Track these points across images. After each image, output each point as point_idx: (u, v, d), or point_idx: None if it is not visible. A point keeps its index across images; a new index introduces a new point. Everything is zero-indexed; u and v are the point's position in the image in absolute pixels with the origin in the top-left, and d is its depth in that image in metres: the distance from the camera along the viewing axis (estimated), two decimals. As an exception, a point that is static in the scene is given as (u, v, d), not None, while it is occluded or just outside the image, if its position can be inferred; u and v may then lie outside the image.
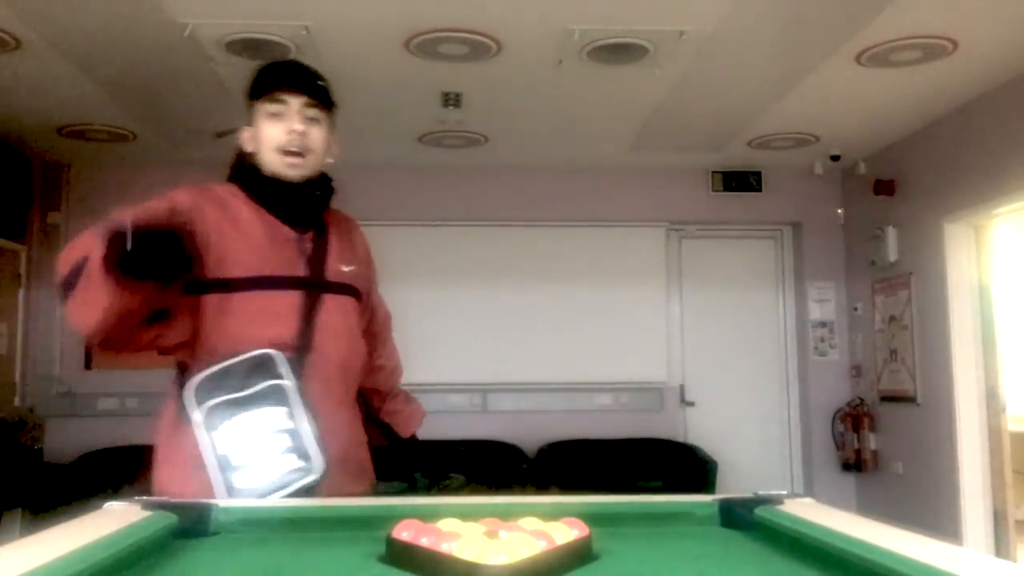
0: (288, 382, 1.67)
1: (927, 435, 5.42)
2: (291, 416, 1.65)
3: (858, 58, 4.29)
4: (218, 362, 1.69)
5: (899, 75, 4.53)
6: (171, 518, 1.34)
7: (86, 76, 4.47)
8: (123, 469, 5.60)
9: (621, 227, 6.36)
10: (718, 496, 1.54)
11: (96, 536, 1.13)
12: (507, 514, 1.28)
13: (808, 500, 1.49)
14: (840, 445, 6.22)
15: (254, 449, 1.62)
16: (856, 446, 6.06)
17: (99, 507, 1.40)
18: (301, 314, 1.76)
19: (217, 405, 1.64)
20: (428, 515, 1.25)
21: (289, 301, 1.76)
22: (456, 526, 1.19)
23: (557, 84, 4.64)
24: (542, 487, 4.83)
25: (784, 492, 1.51)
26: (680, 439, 6.28)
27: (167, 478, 1.74)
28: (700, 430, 6.34)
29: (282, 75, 1.85)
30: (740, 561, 1.23)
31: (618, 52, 4.20)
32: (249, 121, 1.86)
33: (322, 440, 1.67)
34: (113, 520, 1.27)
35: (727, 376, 6.50)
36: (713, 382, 6.48)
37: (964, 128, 5.05)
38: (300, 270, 1.80)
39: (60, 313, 5.94)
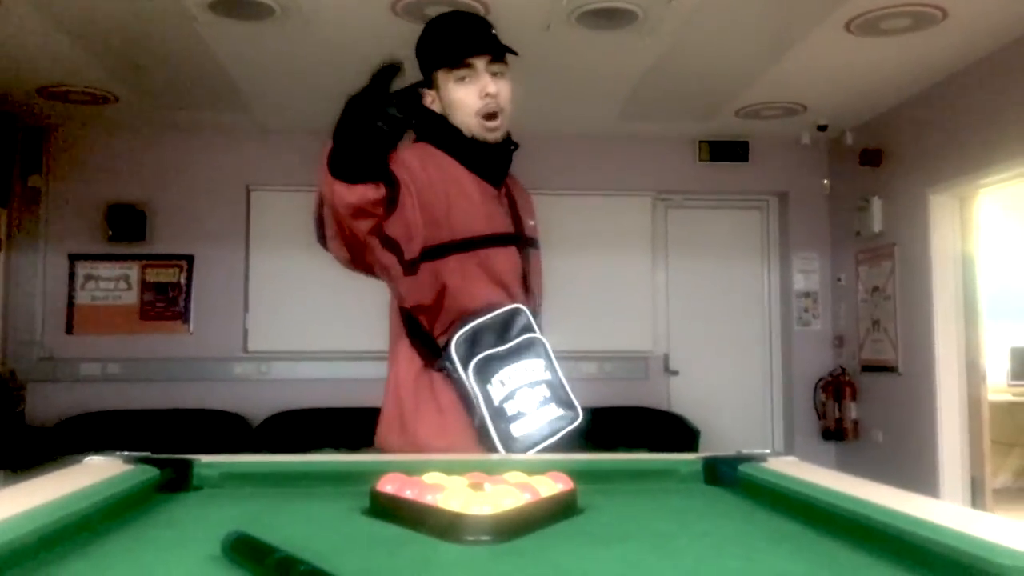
0: (539, 334, 1.74)
1: (908, 404, 5.47)
2: (549, 367, 1.72)
3: (848, 26, 4.27)
4: (471, 319, 1.72)
5: (888, 44, 4.51)
6: (152, 472, 1.33)
7: (66, 35, 4.39)
8: (105, 433, 5.60)
9: (608, 196, 6.35)
10: (702, 454, 1.54)
11: (76, 487, 1.12)
12: (492, 469, 1.28)
13: (791, 458, 1.49)
14: (822, 414, 6.28)
15: (523, 399, 1.67)
16: (837, 415, 6.12)
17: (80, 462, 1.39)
18: (523, 269, 1.81)
19: (484, 359, 1.68)
20: (413, 470, 1.25)
21: (512, 256, 1.81)
22: (440, 479, 1.19)
23: (546, 49, 4.60)
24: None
25: (767, 451, 1.52)
26: (664, 408, 6.32)
27: (428, 428, 1.75)
28: (684, 399, 6.38)
29: (464, 37, 1.81)
30: (723, 515, 1.24)
31: (607, 17, 4.16)
32: (429, 84, 1.84)
33: None
34: (94, 473, 1.26)
35: (711, 345, 6.53)
36: (697, 351, 6.51)
37: (951, 99, 5.05)
38: (511, 226, 1.83)
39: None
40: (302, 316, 6.02)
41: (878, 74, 5.03)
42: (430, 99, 1.84)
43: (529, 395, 1.68)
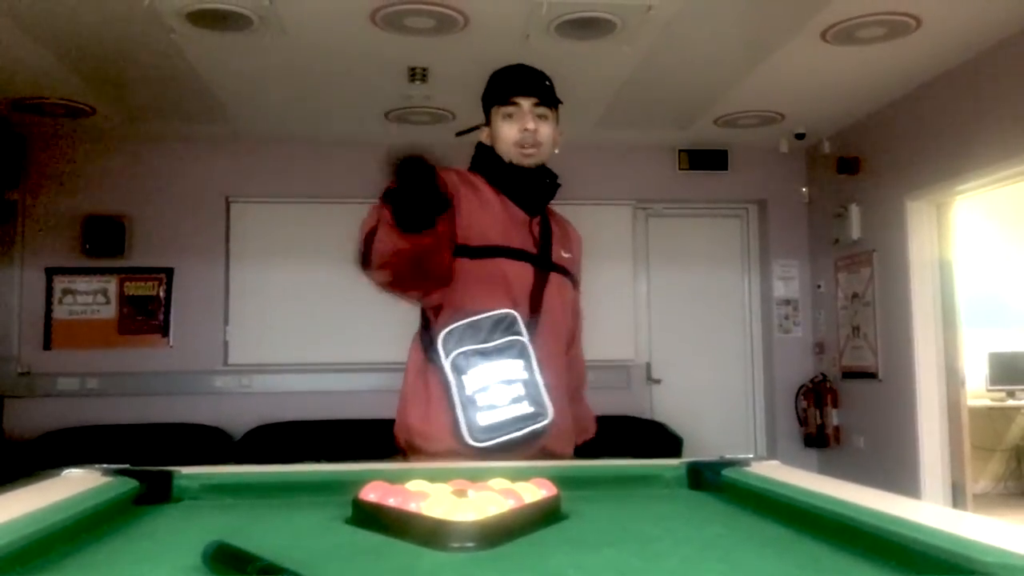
0: (525, 339, 1.88)
1: (888, 410, 5.50)
2: (527, 368, 1.85)
3: (823, 35, 4.31)
4: (465, 317, 1.88)
5: (863, 52, 4.56)
6: (132, 484, 1.32)
7: (43, 47, 4.36)
8: (85, 448, 5.54)
9: (588, 205, 6.33)
10: (685, 459, 1.54)
11: (54, 500, 1.11)
12: (476, 476, 1.28)
13: (774, 462, 1.50)
14: (803, 421, 6.30)
15: (495, 393, 1.82)
16: (819, 421, 6.15)
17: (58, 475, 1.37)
18: (533, 284, 1.99)
19: (465, 352, 1.84)
20: (396, 478, 1.24)
21: (525, 271, 1.99)
22: (424, 487, 1.18)
23: (524, 59, 4.55)
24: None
25: (751, 455, 1.52)
26: (647, 416, 6.33)
27: (415, 412, 1.94)
28: (666, 407, 6.39)
29: (514, 82, 2.07)
30: (707, 519, 1.23)
31: (586, 27, 4.18)
32: (486, 120, 2.12)
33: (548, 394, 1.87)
34: (72, 485, 1.25)
35: (693, 353, 6.54)
36: (679, 359, 6.52)
37: (927, 106, 5.11)
38: (531, 247, 2.02)
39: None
40: (283, 328, 5.99)
41: (854, 83, 5.08)
42: (485, 134, 2.11)
43: (503, 391, 1.83)
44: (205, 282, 6.04)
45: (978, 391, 6.61)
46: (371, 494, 1.17)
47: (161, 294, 6.04)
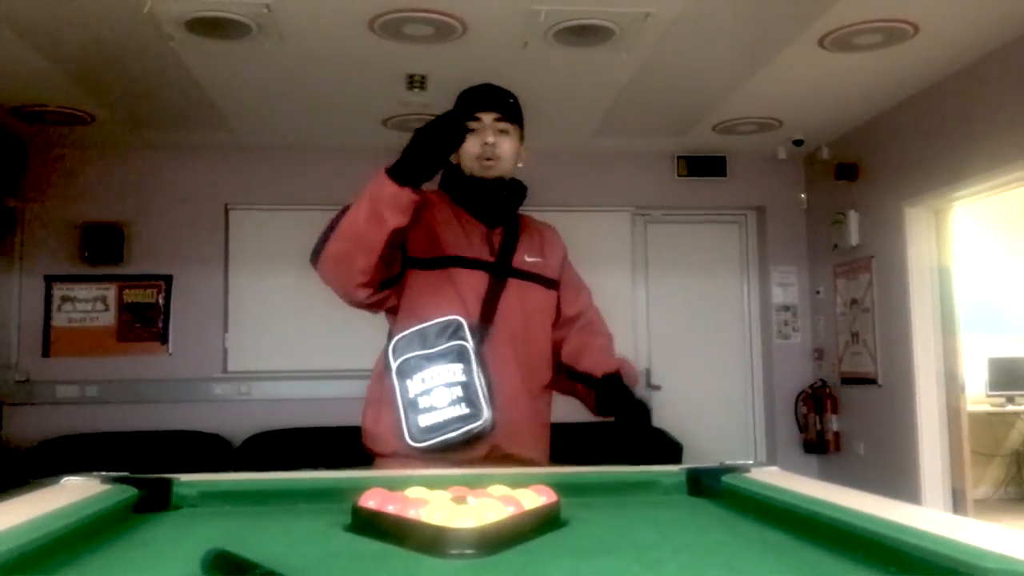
0: (469, 344, 1.94)
1: (888, 416, 5.50)
2: (466, 372, 1.92)
3: (821, 42, 4.31)
4: (416, 325, 1.99)
5: (861, 59, 4.57)
6: (130, 492, 1.32)
7: (42, 55, 4.36)
8: (84, 456, 5.53)
9: (586, 212, 6.36)
10: (685, 466, 1.54)
11: (53, 507, 1.10)
12: (475, 483, 1.28)
13: (774, 468, 1.50)
14: (803, 427, 6.30)
15: (436, 395, 1.92)
16: (819, 427, 6.14)
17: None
18: (487, 291, 2.06)
19: (410, 358, 1.96)
20: (395, 485, 1.24)
21: (478, 279, 2.07)
22: (423, 493, 1.18)
23: (523, 66, 4.62)
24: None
25: (750, 461, 1.52)
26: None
27: (369, 414, 2.07)
28: (666, 413, 6.37)
29: (478, 98, 2.15)
30: (707, 526, 1.23)
31: (584, 34, 4.19)
32: None
33: (492, 398, 1.93)
34: (71, 493, 1.24)
35: (692, 360, 6.54)
36: (678, 366, 6.51)
37: (925, 112, 5.11)
38: (487, 257, 2.11)
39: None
40: (282, 335, 5.98)
41: (852, 89, 5.09)
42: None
43: (444, 394, 1.92)
44: (204, 289, 6.04)
45: (978, 397, 6.61)
46: (370, 501, 1.17)
47: (160, 302, 6.04)
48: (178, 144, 5.99)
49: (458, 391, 1.91)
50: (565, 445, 6.39)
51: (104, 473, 1.39)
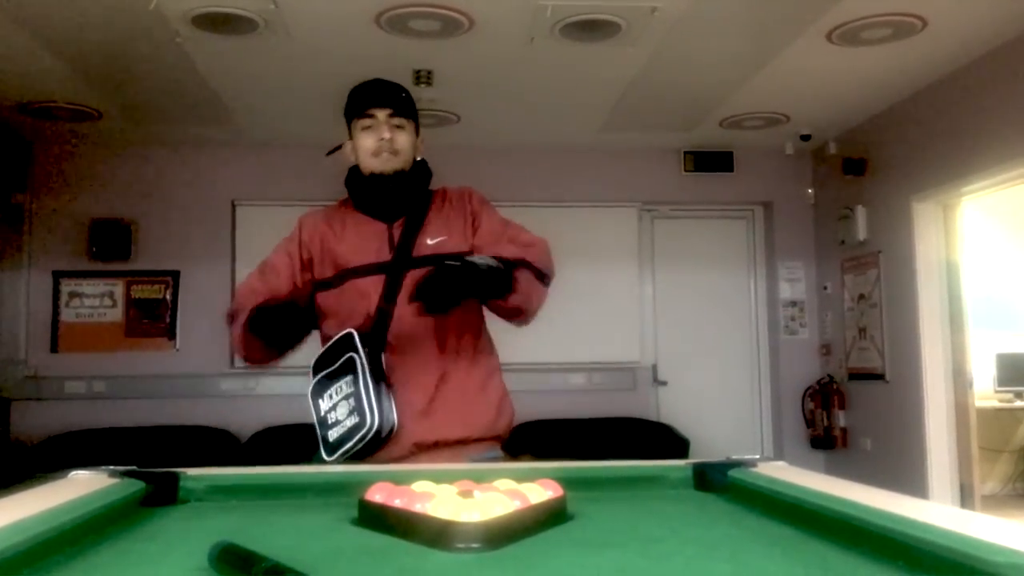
0: (358, 354, 1.96)
1: (895, 412, 5.49)
2: (354, 382, 1.95)
3: (829, 36, 4.30)
4: (324, 346, 2.08)
5: (869, 53, 4.55)
6: (138, 485, 1.32)
7: (49, 52, 4.37)
8: (91, 451, 5.55)
9: (594, 208, 6.36)
10: (691, 460, 1.54)
11: (61, 501, 1.11)
12: (482, 477, 1.28)
13: (781, 463, 1.49)
14: (810, 422, 6.29)
15: (339, 410, 1.98)
16: (826, 423, 6.13)
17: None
18: (381, 293, 2.05)
19: (320, 379, 2.04)
20: (402, 479, 1.24)
21: (373, 284, 2.06)
22: (430, 487, 1.18)
23: (529, 62, 4.61)
24: (514, 456, 4.91)
25: (757, 456, 1.52)
26: (653, 418, 6.31)
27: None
28: (672, 409, 6.38)
29: (369, 95, 2.15)
30: (714, 520, 1.23)
31: (591, 29, 4.18)
32: (349, 136, 2.20)
33: (396, 399, 1.97)
34: (79, 487, 1.25)
35: (699, 355, 6.53)
36: (685, 361, 6.51)
37: (933, 107, 5.09)
38: (384, 256, 2.09)
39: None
40: (289, 331, 5.98)
41: (860, 84, 5.07)
42: (349, 147, 2.18)
43: (344, 407, 1.98)
44: (211, 285, 6.05)
45: (986, 392, 6.59)
46: (377, 495, 1.17)
47: (168, 297, 6.06)
48: (185, 140, 6.00)
49: (352, 402, 1.95)
50: (570, 440, 6.40)
51: (112, 467, 1.40)
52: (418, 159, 2.18)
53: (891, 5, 3.99)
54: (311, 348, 2.14)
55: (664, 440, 5.94)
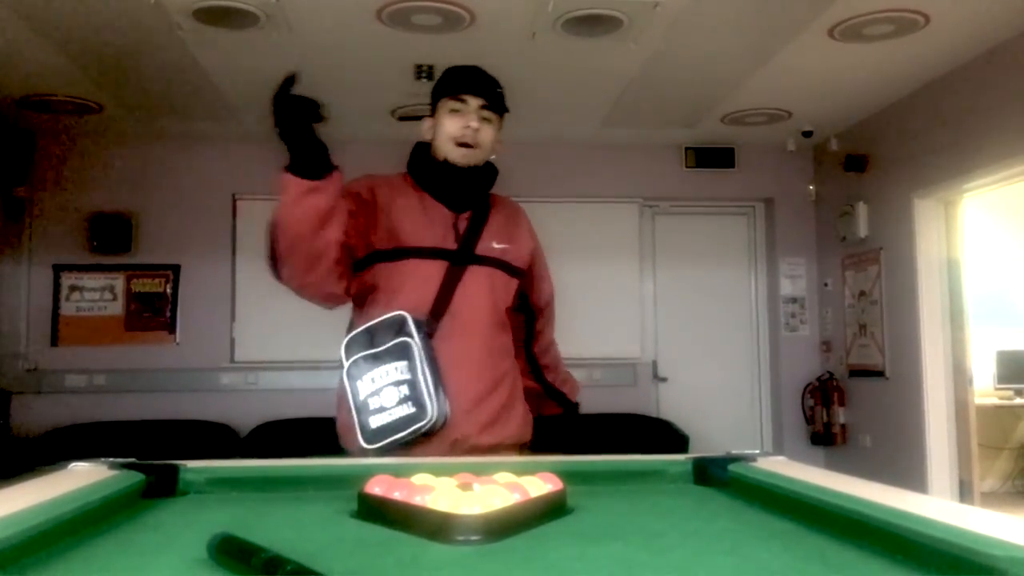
0: (413, 340, 1.90)
1: (895, 409, 5.49)
2: (410, 369, 1.88)
3: (831, 32, 4.29)
4: (365, 324, 1.97)
5: (871, 49, 4.54)
6: (138, 477, 1.32)
7: (50, 45, 4.36)
8: (92, 445, 5.55)
9: (594, 203, 6.36)
10: (691, 455, 1.54)
11: (60, 492, 1.11)
12: (481, 470, 1.28)
13: (781, 458, 1.49)
14: (810, 419, 6.29)
15: (386, 395, 1.89)
16: (826, 419, 6.13)
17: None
18: (443, 281, 2.01)
19: (359, 359, 1.93)
20: (401, 472, 1.24)
21: (434, 269, 2.02)
22: (429, 480, 1.18)
23: (531, 57, 4.61)
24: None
25: (757, 451, 1.52)
26: (653, 414, 6.32)
27: (341, 419, 2.03)
28: (673, 405, 6.38)
29: (467, 79, 2.11)
30: (713, 514, 1.23)
31: (592, 24, 4.17)
32: (431, 112, 2.15)
33: (446, 392, 1.91)
34: (79, 478, 1.25)
35: (699, 351, 6.53)
36: (685, 357, 6.51)
37: (934, 104, 5.09)
38: (450, 244, 2.05)
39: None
40: (289, 325, 5.98)
41: (862, 80, 5.06)
42: (428, 124, 2.14)
43: (392, 393, 1.89)
44: (212, 279, 6.05)
45: (986, 390, 6.59)
46: (376, 488, 1.17)
47: (168, 291, 6.06)
48: (186, 134, 6.00)
49: (405, 389, 1.88)
50: (570, 435, 6.38)
51: (111, 459, 1.40)
52: (493, 157, 2.15)
53: (893, 1, 3.97)
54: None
55: (664, 436, 5.94)
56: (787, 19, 4.18)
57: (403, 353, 1.89)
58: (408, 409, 1.86)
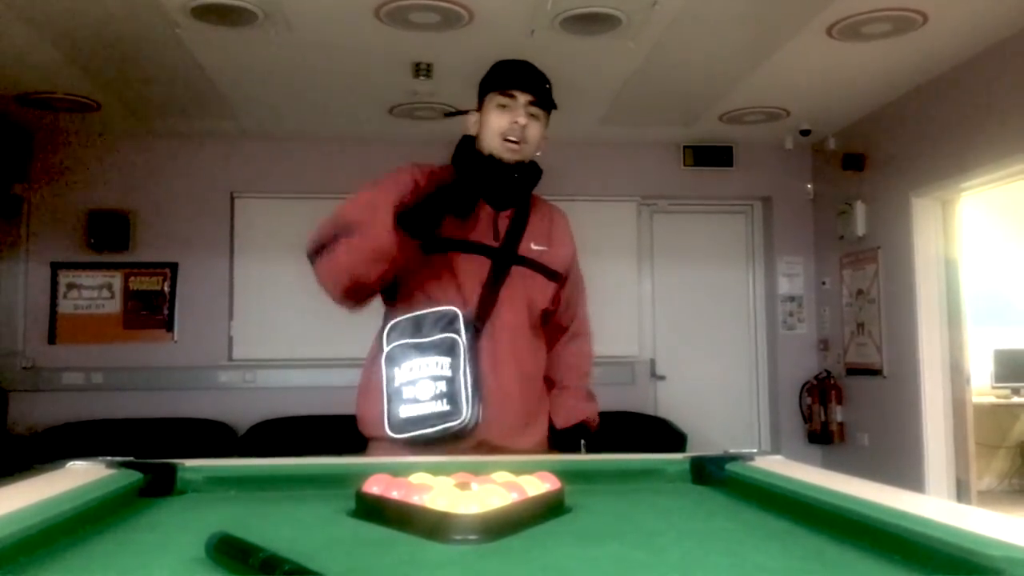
0: (461, 338, 1.89)
1: (893, 407, 5.49)
2: (452, 367, 1.87)
3: (829, 30, 4.29)
4: (413, 311, 1.95)
5: (869, 48, 4.54)
6: (135, 476, 1.32)
7: (48, 43, 4.36)
8: (89, 442, 5.55)
9: (592, 201, 6.35)
10: (689, 454, 1.54)
11: (57, 491, 1.11)
12: (479, 469, 1.28)
13: (778, 457, 1.50)
14: (807, 417, 6.29)
15: (421, 387, 1.87)
16: (823, 418, 6.13)
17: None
18: (488, 279, 2.01)
19: (400, 346, 1.91)
20: (399, 471, 1.24)
21: (479, 265, 2.01)
22: (427, 479, 1.18)
23: (529, 55, 4.53)
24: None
25: (754, 450, 1.52)
26: (651, 412, 6.32)
27: (362, 401, 2.03)
28: (671, 403, 6.39)
29: (516, 74, 2.07)
30: (711, 513, 1.23)
31: (591, 22, 4.17)
32: (478, 106, 2.11)
33: (481, 394, 1.90)
34: (76, 477, 1.25)
35: (697, 350, 6.54)
36: (683, 356, 6.51)
37: (933, 103, 5.09)
38: (490, 241, 2.04)
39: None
40: (287, 324, 5.99)
41: (860, 79, 5.06)
42: (473, 119, 2.10)
43: (428, 386, 1.87)
44: (210, 277, 6.05)
45: (983, 388, 6.60)
46: (374, 487, 1.17)
47: (166, 289, 6.05)
48: (184, 132, 5.99)
49: (442, 386, 1.86)
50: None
51: (109, 458, 1.40)
52: (539, 154, 2.13)
53: (891, 0, 3.98)
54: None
55: (662, 434, 5.95)
56: (785, 18, 4.18)
57: (449, 350, 1.88)
58: (442, 406, 1.85)
